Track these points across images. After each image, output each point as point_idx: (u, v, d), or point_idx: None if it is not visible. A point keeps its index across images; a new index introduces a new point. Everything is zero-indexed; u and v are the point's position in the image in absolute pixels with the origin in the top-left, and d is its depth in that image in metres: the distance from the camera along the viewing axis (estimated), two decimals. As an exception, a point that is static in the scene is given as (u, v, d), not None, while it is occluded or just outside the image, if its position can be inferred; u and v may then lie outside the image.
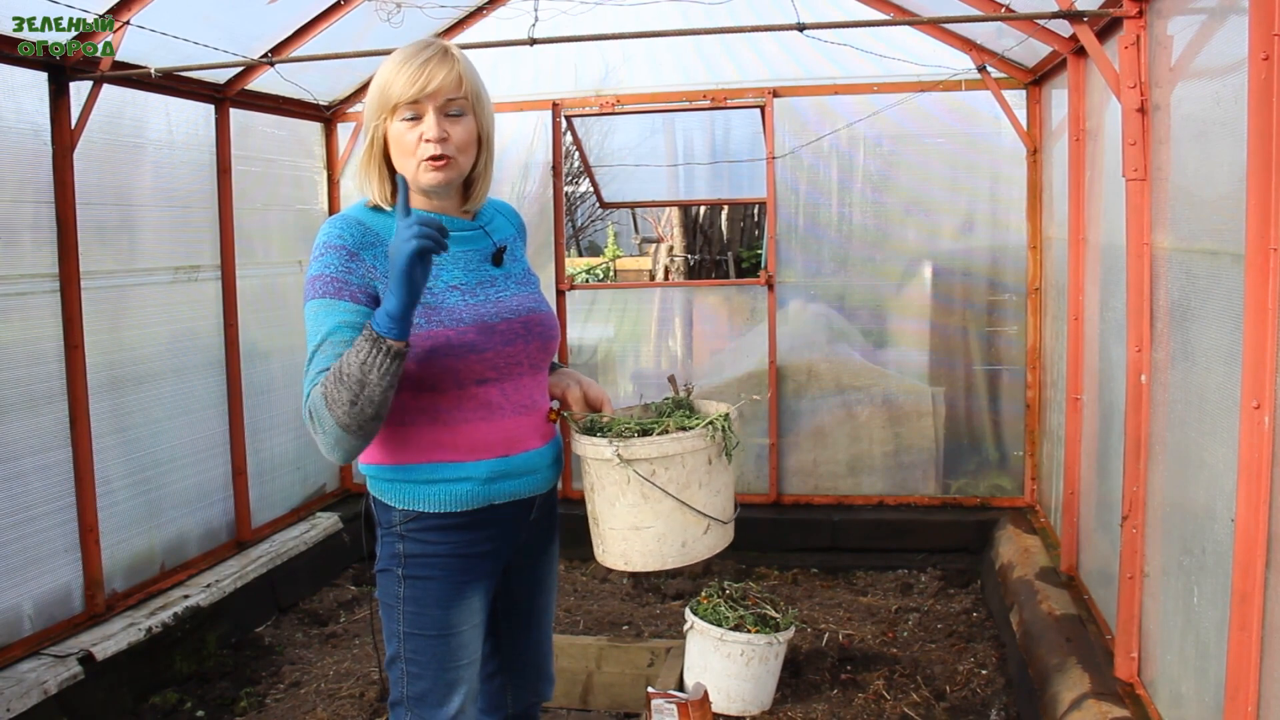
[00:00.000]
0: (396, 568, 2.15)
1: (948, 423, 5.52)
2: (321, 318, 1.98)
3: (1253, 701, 2.28)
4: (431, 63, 2.03)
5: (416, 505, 2.12)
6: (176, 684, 4.13)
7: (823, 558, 5.45)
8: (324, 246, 2.02)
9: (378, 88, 2.05)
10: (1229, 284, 2.50)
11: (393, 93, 2.02)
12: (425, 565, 2.14)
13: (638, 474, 2.14)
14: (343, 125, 5.86)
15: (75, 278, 4.01)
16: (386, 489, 2.14)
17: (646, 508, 2.17)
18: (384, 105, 2.04)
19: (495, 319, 2.12)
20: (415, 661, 2.16)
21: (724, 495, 2.25)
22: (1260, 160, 2.20)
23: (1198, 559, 2.73)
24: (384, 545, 2.19)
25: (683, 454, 2.16)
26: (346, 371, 1.88)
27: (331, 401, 1.89)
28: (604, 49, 5.44)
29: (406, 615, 2.15)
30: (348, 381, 1.87)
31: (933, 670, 4.17)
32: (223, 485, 5.00)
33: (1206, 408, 2.69)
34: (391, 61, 2.05)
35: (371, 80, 2.09)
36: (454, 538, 2.14)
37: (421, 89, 2.01)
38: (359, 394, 1.87)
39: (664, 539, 2.18)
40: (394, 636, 2.18)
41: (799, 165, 5.47)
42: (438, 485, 2.10)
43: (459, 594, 2.16)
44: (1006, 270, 5.37)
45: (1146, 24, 3.19)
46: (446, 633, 2.15)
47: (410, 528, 2.13)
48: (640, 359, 6.02)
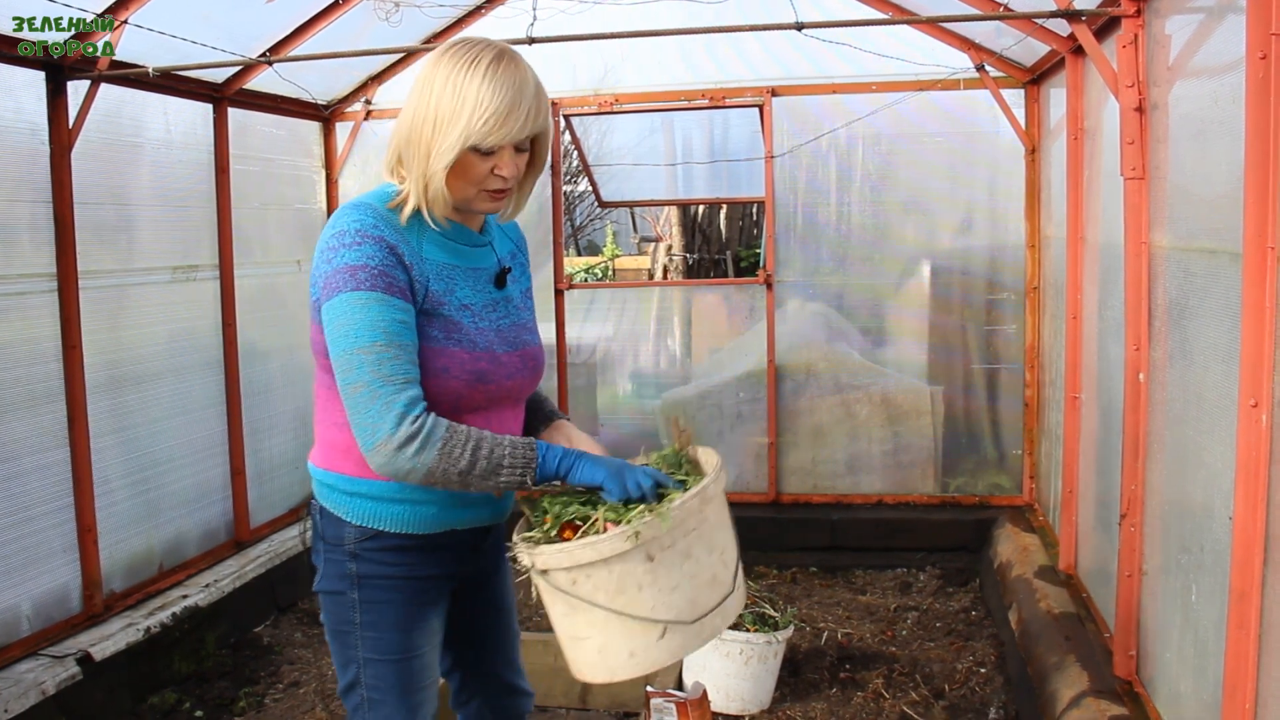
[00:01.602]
0: (350, 590, 2.04)
1: (946, 421, 5.52)
2: (375, 313, 1.83)
3: (1251, 699, 2.28)
4: (538, 103, 1.90)
5: (376, 524, 2.00)
6: (175, 684, 4.13)
7: (821, 557, 5.45)
8: (358, 235, 1.86)
9: (468, 111, 1.85)
10: (1227, 283, 2.50)
11: (491, 129, 1.85)
12: (382, 588, 2.03)
13: (554, 587, 1.88)
14: (341, 125, 5.86)
15: (73, 277, 4.00)
16: (343, 502, 2.02)
17: (578, 618, 1.89)
18: (474, 135, 1.85)
19: (501, 349, 2.03)
20: (377, 688, 2.06)
21: (687, 588, 1.88)
22: (1258, 159, 2.20)
23: (1196, 557, 2.73)
24: (331, 564, 2.06)
25: (605, 560, 1.82)
26: (487, 454, 1.85)
27: (450, 456, 1.83)
28: (602, 48, 5.44)
29: (365, 640, 2.04)
30: (471, 461, 1.84)
31: (931, 669, 4.17)
32: (221, 485, 4.99)
33: (1204, 406, 2.69)
34: (492, 87, 1.85)
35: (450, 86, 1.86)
36: (411, 559, 2.04)
37: (521, 133, 1.88)
38: (470, 474, 1.85)
39: (605, 650, 1.90)
40: (351, 663, 2.07)
41: (797, 164, 5.47)
42: (402, 505, 2.00)
43: (419, 615, 2.07)
44: (1005, 269, 5.37)
45: (1144, 23, 3.19)
46: (409, 655, 2.07)
47: (366, 547, 2.01)
48: (639, 358, 6.02)
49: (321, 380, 2.01)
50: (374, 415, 1.81)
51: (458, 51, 1.89)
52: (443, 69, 1.88)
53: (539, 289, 5.72)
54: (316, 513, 2.10)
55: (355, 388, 1.83)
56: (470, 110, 1.85)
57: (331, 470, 2.04)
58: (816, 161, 5.47)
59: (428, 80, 1.89)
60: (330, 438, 2.04)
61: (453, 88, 1.86)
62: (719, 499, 1.94)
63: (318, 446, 2.09)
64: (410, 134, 1.90)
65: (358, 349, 1.82)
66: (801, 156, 5.46)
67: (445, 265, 1.99)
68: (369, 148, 5.85)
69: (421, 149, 1.89)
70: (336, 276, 1.85)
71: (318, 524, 2.09)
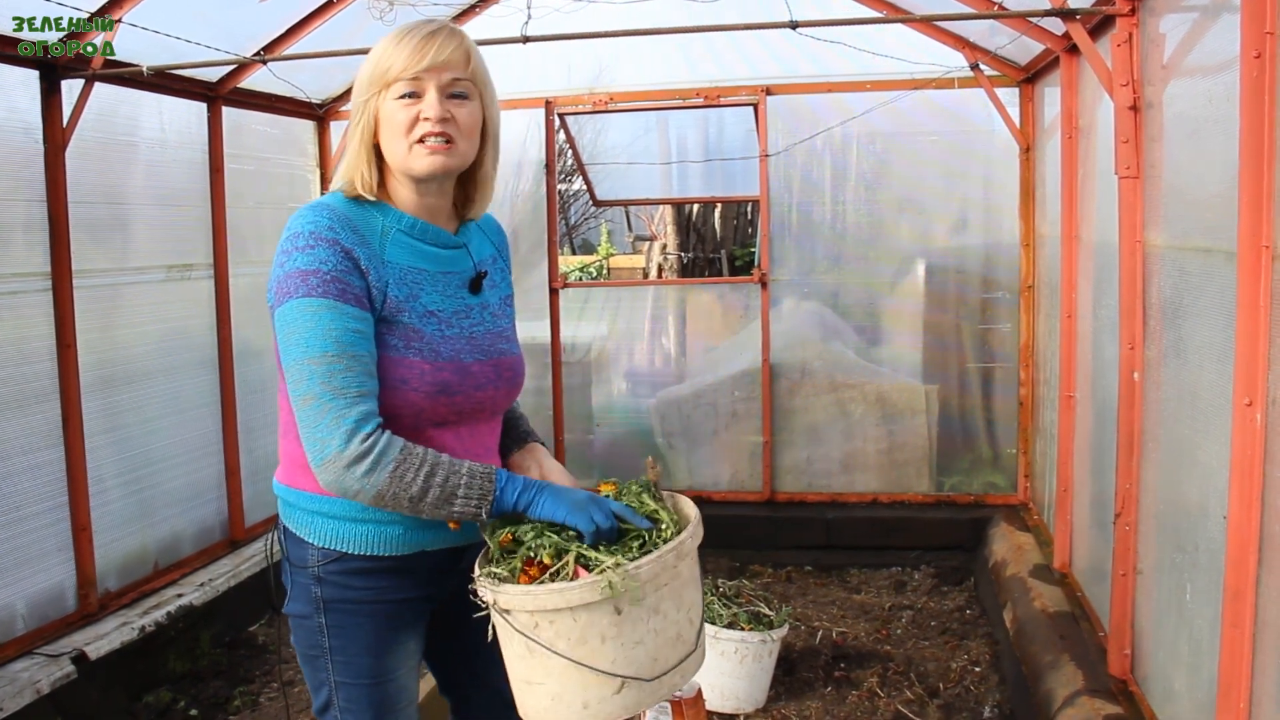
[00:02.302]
0: (316, 615, 1.93)
1: (941, 420, 5.52)
2: (327, 321, 1.74)
3: (1245, 698, 2.28)
4: (438, 37, 1.82)
5: (338, 544, 1.90)
6: (170, 683, 4.12)
7: (816, 555, 5.46)
8: (312, 237, 1.76)
9: (372, 62, 1.83)
10: (1221, 282, 2.51)
11: (391, 66, 1.80)
12: (349, 613, 1.92)
13: (514, 628, 1.77)
14: (335, 124, 5.84)
15: (67, 276, 3.99)
16: (303, 521, 1.93)
17: (534, 662, 1.79)
18: (378, 80, 1.82)
19: (470, 358, 1.92)
20: (350, 711, 1.97)
21: (651, 644, 1.79)
22: (1252, 158, 2.21)
23: (1190, 556, 2.74)
24: (296, 586, 1.96)
25: (570, 609, 1.73)
26: (441, 481, 1.74)
27: (402, 480, 1.72)
28: (597, 47, 5.43)
29: (336, 664, 1.95)
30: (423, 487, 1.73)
31: (926, 668, 4.17)
32: (216, 484, 4.98)
33: (1199, 405, 2.69)
34: (390, 36, 1.84)
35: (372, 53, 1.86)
36: (380, 583, 1.93)
37: (423, 62, 1.80)
38: (421, 501, 1.74)
39: (559, 698, 1.80)
40: (324, 685, 1.97)
41: (792, 163, 5.47)
42: (366, 525, 1.89)
43: (391, 640, 1.97)
44: (999, 268, 5.38)
45: (1139, 22, 3.20)
46: (382, 679, 1.97)
47: (330, 570, 1.91)
48: (634, 357, 6.02)
49: (283, 390, 1.89)
50: (323, 430, 1.71)
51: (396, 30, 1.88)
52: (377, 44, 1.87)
53: (534, 288, 5.76)
54: (280, 531, 2.01)
55: (305, 400, 1.73)
56: (376, 58, 1.83)
57: (293, 487, 1.95)
58: (811, 160, 5.47)
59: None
60: (291, 452, 1.94)
61: (376, 48, 1.86)
62: (693, 555, 1.85)
63: (281, 462, 2.00)
64: (352, 117, 1.87)
65: (307, 359, 1.73)
66: (796, 155, 5.46)
67: (409, 269, 1.88)
68: (364, 146, 5.83)
69: (352, 123, 1.86)
70: (288, 281, 1.76)
71: (282, 543, 2.00)
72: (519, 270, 2.12)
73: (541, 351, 5.77)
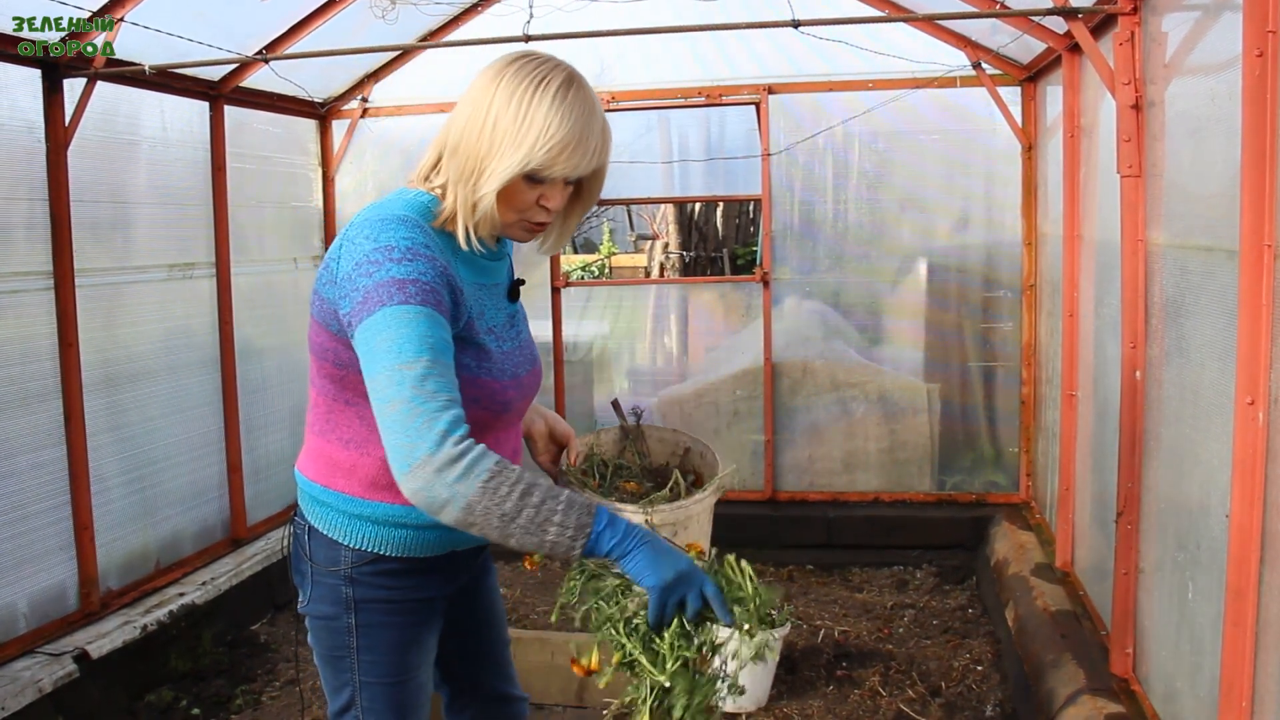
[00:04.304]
0: (345, 615, 1.94)
1: (943, 419, 5.52)
2: (424, 328, 1.67)
3: (1247, 697, 2.28)
4: (608, 145, 1.82)
5: (378, 547, 1.91)
6: (172, 682, 4.12)
7: (818, 554, 5.46)
8: (409, 251, 1.71)
9: (549, 141, 1.74)
10: (1223, 280, 2.50)
11: (561, 163, 1.76)
12: (380, 612, 1.95)
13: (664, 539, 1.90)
14: (337, 122, 5.85)
15: (69, 275, 3.99)
16: (342, 523, 1.91)
17: None
18: (542, 164, 1.75)
19: (523, 371, 1.95)
20: (373, 711, 1.98)
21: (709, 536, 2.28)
22: (1254, 157, 2.21)
23: (1192, 555, 2.74)
24: (322, 587, 1.96)
25: (700, 513, 2.19)
26: (537, 504, 1.64)
27: (495, 494, 1.62)
28: (599, 45, 5.42)
29: (362, 664, 1.96)
30: (527, 509, 1.64)
31: (928, 666, 4.17)
32: (218, 483, 4.99)
33: (1201, 404, 2.69)
34: (570, 118, 1.75)
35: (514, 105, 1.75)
36: (409, 582, 1.96)
37: (589, 169, 1.81)
38: (513, 522, 1.63)
39: None
40: (346, 686, 1.98)
41: (794, 162, 5.47)
42: (406, 530, 1.90)
43: (415, 637, 2.00)
44: (1001, 267, 5.38)
45: (1141, 20, 3.19)
46: (405, 678, 2.00)
47: (363, 571, 1.92)
48: (635, 356, 6.02)
49: (323, 390, 1.89)
50: (413, 433, 1.61)
51: (524, 67, 1.78)
52: (506, 85, 1.76)
53: (536, 286, 5.75)
54: (304, 532, 1.98)
55: (393, 405, 1.64)
56: (536, 135, 1.74)
57: (330, 488, 1.92)
58: (813, 159, 5.47)
59: (485, 94, 1.78)
60: (330, 453, 1.91)
61: (517, 107, 1.75)
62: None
63: (312, 460, 1.96)
64: (461, 148, 1.79)
65: (400, 364, 1.64)
66: (798, 154, 5.46)
67: (475, 285, 1.89)
68: (365, 145, 5.85)
69: (472, 165, 1.77)
70: (381, 290, 1.68)
71: (305, 545, 1.98)
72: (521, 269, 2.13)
73: (543, 350, 5.68)
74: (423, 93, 5.74)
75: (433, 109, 5.73)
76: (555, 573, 5.37)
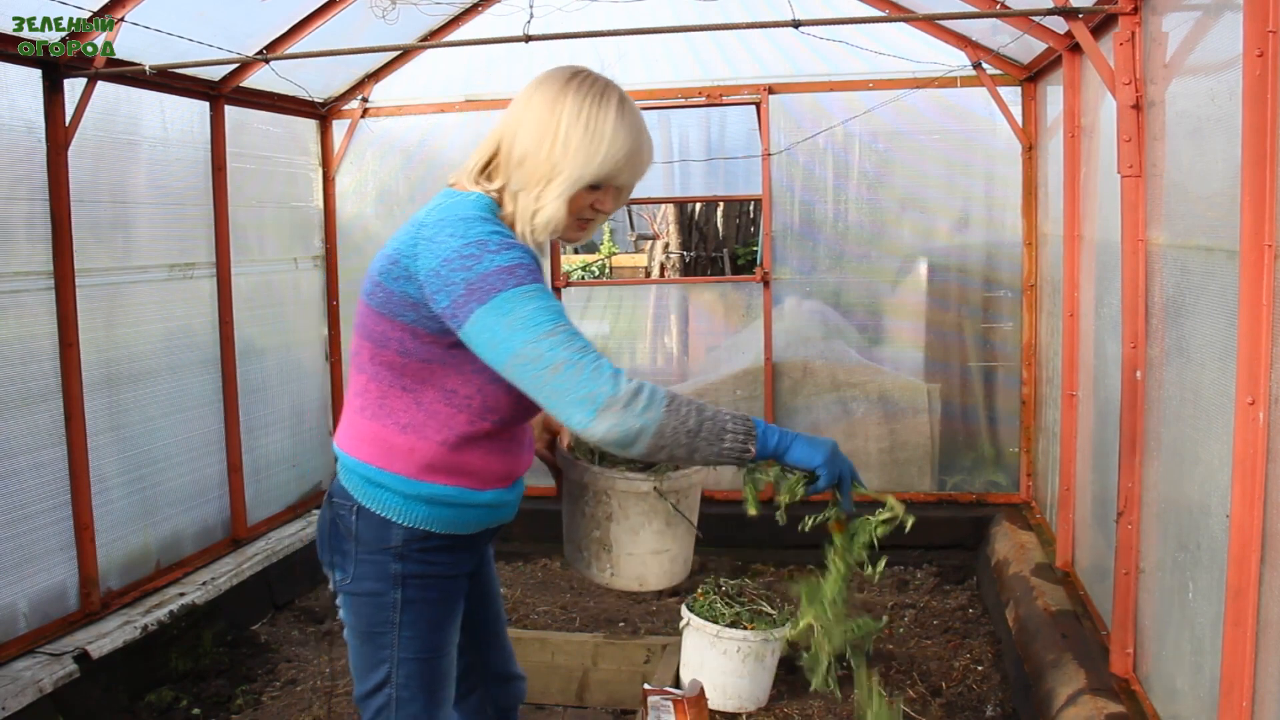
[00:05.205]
0: (392, 590, 2.04)
1: (943, 419, 5.52)
2: (547, 299, 1.85)
3: (1248, 696, 2.28)
4: (653, 151, 2.05)
5: (430, 525, 2.03)
6: (172, 682, 4.12)
7: (819, 554, 5.43)
8: (502, 242, 1.87)
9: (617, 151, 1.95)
10: (1223, 280, 2.50)
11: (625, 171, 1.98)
12: (427, 586, 2.06)
13: (671, 505, 2.36)
14: (338, 122, 5.85)
15: (70, 275, 3.99)
16: (396, 503, 2.02)
17: (669, 533, 2.41)
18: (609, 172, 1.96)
19: None
20: (407, 688, 2.07)
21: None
22: (1255, 157, 2.21)
23: (1193, 554, 2.74)
24: (367, 564, 2.05)
25: (698, 482, 2.45)
26: (711, 418, 1.87)
27: (678, 414, 1.83)
28: (599, 46, 5.43)
29: (403, 640, 2.06)
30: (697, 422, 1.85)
31: (928, 666, 4.17)
32: (218, 483, 4.99)
33: (1201, 404, 2.69)
34: (632, 131, 1.97)
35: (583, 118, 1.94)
36: (450, 558, 2.09)
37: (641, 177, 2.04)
38: (698, 436, 1.85)
39: (676, 559, 2.46)
40: (383, 663, 2.07)
41: (794, 162, 5.47)
42: (457, 510, 2.05)
43: (451, 613, 2.12)
44: (1002, 267, 5.37)
45: (1141, 20, 3.19)
46: (439, 654, 2.10)
47: (415, 547, 2.04)
48: (636, 356, 6.02)
49: (377, 375, 2.00)
50: (588, 383, 1.78)
51: (583, 85, 1.96)
52: (571, 100, 1.94)
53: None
54: (351, 514, 2.05)
55: (555, 368, 1.78)
56: (606, 147, 1.93)
57: (387, 470, 2.01)
58: (813, 159, 5.47)
59: (552, 110, 1.95)
60: (386, 437, 2.01)
61: (587, 120, 1.93)
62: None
63: (364, 443, 2.05)
64: (530, 159, 1.94)
65: (543, 334, 1.80)
66: (798, 154, 5.46)
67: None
68: (366, 145, 5.85)
69: (540, 173, 1.94)
70: (490, 278, 1.83)
71: (351, 525, 2.05)
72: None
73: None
74: (423, 93, 5.74)
75: (433, 109, 5.74)
76: (555, 572, 5.37)
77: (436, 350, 1.94)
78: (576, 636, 4.23)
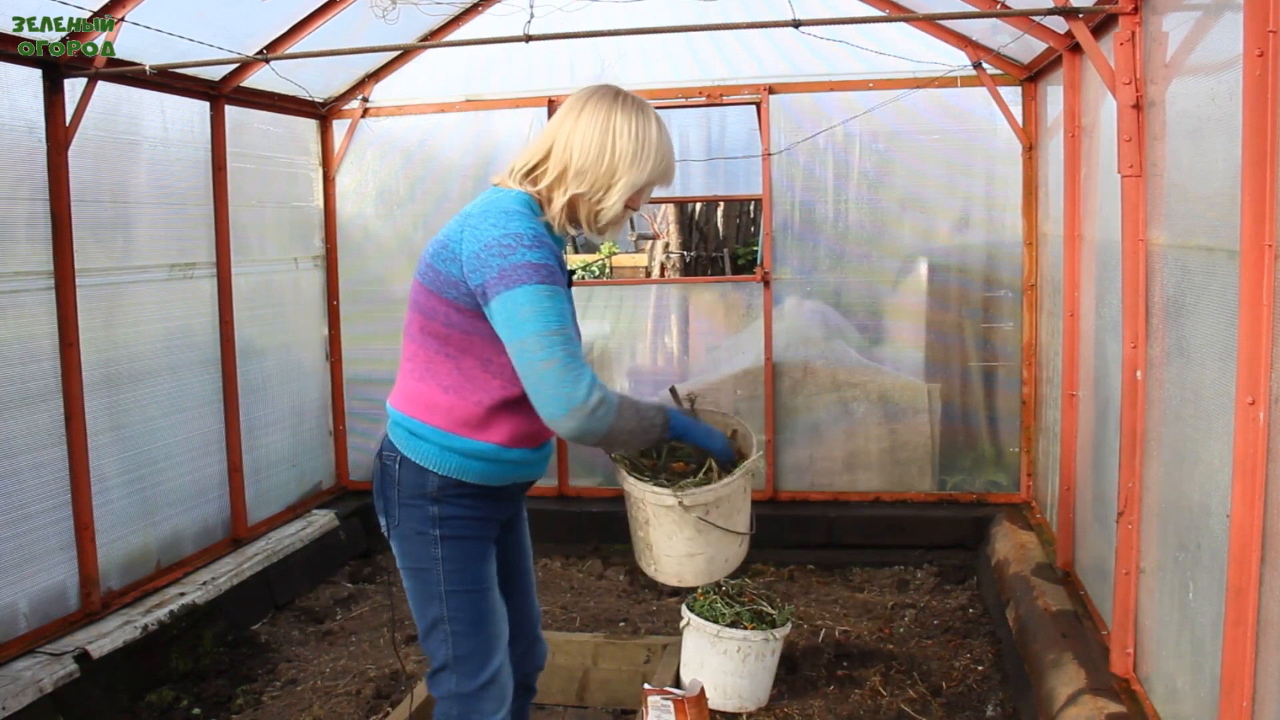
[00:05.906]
0: (431, 529, 2.33)
1: (944, 419, 5.52)
2: (559, 304, 2.18)
3: (1248, 696, 2.28)
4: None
5: (461, 475, 2.32)
6: (173, 682, 4.12)
7: (819, 554, 5.45)
8: (536, 240, 2.18)
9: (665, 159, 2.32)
10: (1224, 280, 2.50)
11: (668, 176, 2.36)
12: (461, 525, 2.35)
13: (697, 517, 2.60)
14: (338, 122, 5.85)
15: (70, 275, 4.00)
16: (434, 454, 2.31)
17: (700, 539, 2.64)
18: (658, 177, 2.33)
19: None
20: (458, 620, 2.36)
21: (749, 511, 2.75)
22: (1255, 157, 2.21)
23: (1193, 554, 2.74)
24: (408, 510, 2.35)
25: (731, 494, 2.62)
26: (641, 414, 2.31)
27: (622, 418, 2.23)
28: (599, 45, 5.43)
29: (447, 574, 2.34)
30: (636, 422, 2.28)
31: (929, 666, 4.17)
32: (218, 483, 4.99)
33: (1201, 403, 2.69)
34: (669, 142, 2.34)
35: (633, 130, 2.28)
36: (481, 504, 2.38)
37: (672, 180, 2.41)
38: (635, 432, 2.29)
39: (713, 560, 2.69)
40: (434, 598, 2.36)
41: (794, 162, 5.47)
42: (486, 463, 2.33)
43: (487, 551, 2.41)
44: (1002, 267, 5.37)
45: (1142, 20, 3.19)
46: (483, 587, 2.38)
47: (449, 493, 2.33)
48: (636, 356, 6.02)
49: (425, 344, 2.31)
50: (569, 385, 2.13)
51: (625, 101, 2.30)
52: (621, 113, 2.28)
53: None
54: (395, 463, 2.36)
55: (548, 363, 2.13)
56: (653, 155, 2.30)
57: (428, 424, 2.32)
58: (814, 159, 5.47)
59: (607, 120, 2.28)
60: (430, 396, 2.32)
61: (634, 135, 2.28)
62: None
63: (411, 401, 2.36)
64: (588, 168, 2.27)
65: (548, 332, 2.14)
66: (798, 154, 5.46)
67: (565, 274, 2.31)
68: (366, 145, 5.85)
69: (600, 180, 2.27)
70: (519, 270, 2.15)
71: (395, 473, 2.36)
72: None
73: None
74: (423, 92, 5.74)
75: (433, 109, 5.74)
76: (555, 572, 5.38)
77: (475, 323, 2.24)
78: (577, 636, 4.23)
